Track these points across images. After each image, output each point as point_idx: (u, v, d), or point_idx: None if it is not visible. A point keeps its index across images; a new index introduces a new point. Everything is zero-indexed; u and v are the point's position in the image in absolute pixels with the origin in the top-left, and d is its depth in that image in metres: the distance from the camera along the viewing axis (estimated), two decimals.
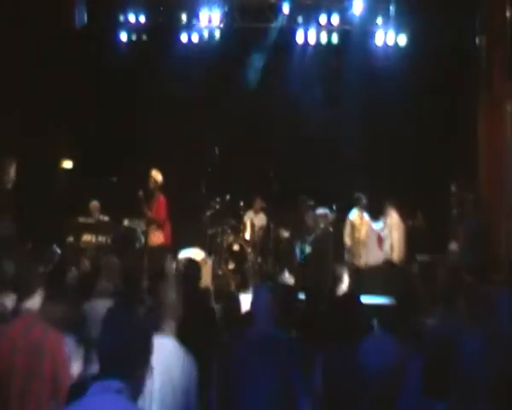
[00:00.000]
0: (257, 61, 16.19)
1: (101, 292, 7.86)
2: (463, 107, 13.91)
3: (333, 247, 13.48)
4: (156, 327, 4.91)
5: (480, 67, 13.06)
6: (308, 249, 13.74)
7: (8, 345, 5.05)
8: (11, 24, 12.90)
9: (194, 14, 15.89)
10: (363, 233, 13.98)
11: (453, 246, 12.50)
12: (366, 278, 13.19)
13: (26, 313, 5.32)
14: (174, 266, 12.32)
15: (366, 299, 10.46)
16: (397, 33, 15.36)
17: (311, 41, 15.85)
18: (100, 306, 6.66)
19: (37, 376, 4.99)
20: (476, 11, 13.29)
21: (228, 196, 14.49)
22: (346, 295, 7.83)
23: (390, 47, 15.49)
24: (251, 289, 5.75)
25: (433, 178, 14.27)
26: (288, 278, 13.21)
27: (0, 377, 5.01)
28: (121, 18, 16.02)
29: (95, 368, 4.58)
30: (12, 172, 11.72)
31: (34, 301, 5.41)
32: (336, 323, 6.00)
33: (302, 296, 9.42)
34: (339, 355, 5.80)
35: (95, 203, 14.40)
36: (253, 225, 14.55)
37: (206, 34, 16.09)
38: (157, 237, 13.51)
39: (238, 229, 14.60)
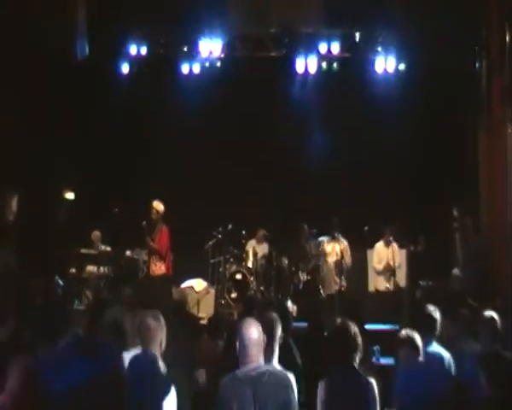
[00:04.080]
0: None
1: None
2: (464, 131, 13.90)
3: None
4: None
5: (480, 91, 13.07)
6: (307, 277, 13.77)
7: None
8: (12, 55, 12.96)
9: (195, 45, 15.98)
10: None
11: (456, 271, 12.44)
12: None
13: None
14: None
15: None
16: (397, 60, 15.41)
17: (312, 70, 15.89)
18: None
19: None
20: (475, 35, 13.32)
21: (230, 226, 14.45)
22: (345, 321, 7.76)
23: (390, 73, 15.54)
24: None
25: (435, 202, 14.25)
26: (291, 306, 13.13)
27: None
28: (122, 49, 16.12)
29: None
30: (14, 204, 11.71)
31: None
32: (336, 349, 5.96)
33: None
34: (341, 380, 5.77)
35: (96, 233, 14.39)
36: (255, 254, 14.52)
37: (207, 65, 16.17)
38: (158, 268, 13.47)
39: (240, 258, 14.56)
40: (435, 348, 7.16)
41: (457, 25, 13.48)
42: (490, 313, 7.21)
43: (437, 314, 7.49)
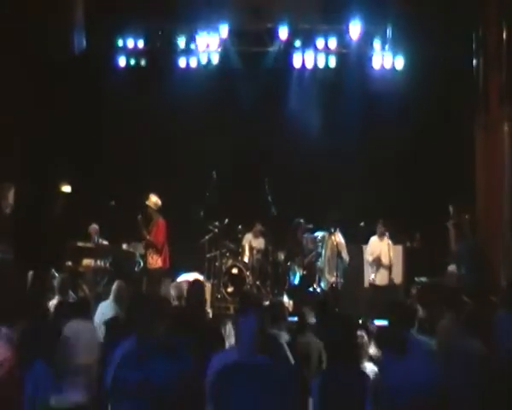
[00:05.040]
0: None
1: None
2: (461, 128, 13.94)
3: None
4: None
5: (477, 90, 13.11)
6: (303, 272, 13.81)
7: None
8: (10, 51, 12.96)
9: (192, 39, 15.99)
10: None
11: (452, 268, 12.49)
12: None
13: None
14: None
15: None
16: (394, 57, 15.45)
17: (309, 65, 15.92)
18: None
19: None
20: (473, 33, 13.36)
21: (226, 220, 14.48)
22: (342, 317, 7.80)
23: (387, 70, 15.57)
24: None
25: (432, 200, 14.27)
26: (287, 301, 13.19)
27: None
28: (120, 43, 16.11)
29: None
30: (11, 196, 11.73)
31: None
32: (332, 346, 5.99)
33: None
34: (335, 379, 5.78)
35: (94, 226, 14.37)
36: (251, 249, 14.52)
37: (204, 59, 16.18)
38: (155, 261, 13.52)
39: (237, 252, 14.58)
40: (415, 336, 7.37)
41: (455, 23, 13.53)
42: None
43: (417, 305, 7.83)
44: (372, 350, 8.51)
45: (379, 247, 14.15)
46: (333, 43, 15.70)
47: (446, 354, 6.46)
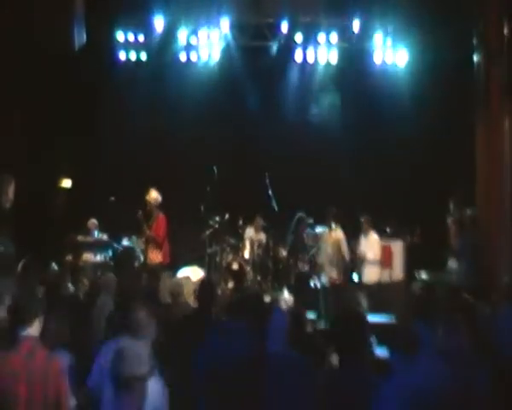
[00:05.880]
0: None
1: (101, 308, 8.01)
2: (462, 124, 13.92)
3: None
4: None
5: (478, 84, 13.07)
6: (304, 268, 13.79)
7: (11, 374, 4.92)
8: (10, 46, 12.94)
9: (193, 33, 15.96)
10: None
11: (452, 264, 12.47)
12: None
13: (27, 339, 5.16)
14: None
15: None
16: (395, 51, 15.44)
17: (310, 59, 15.90)
18: None
19: (41, 404, 4.89)
20: (474, 28, 13.32)
21: (227, 215, 14.47)
22: (350, 312, 7.79)
23: (388, 65, 15.56)
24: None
25: (432, 195, 14.26)
26: (288, 296, 13.16)
27: (2, 407, 4.89)
28: (120, 37, 16.08)
29: None
30: (11, 191, 11.71)
31: (34, 328, 5.27)
32: (340, 340, 5.98)
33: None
34: (342, 373, 5.78)
35: (93, 221, 14.39)
36: (252, 244, 14.52)
37: (205, 53, 16.16)
38: (156, 256, 13.51)
39: (237, 248, 14.57)
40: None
41: (456, 18, 13.51)
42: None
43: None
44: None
45: (363, 244, 14.19)
46: (334, 37, 15.67)
47: (446, 352, 6.44)
